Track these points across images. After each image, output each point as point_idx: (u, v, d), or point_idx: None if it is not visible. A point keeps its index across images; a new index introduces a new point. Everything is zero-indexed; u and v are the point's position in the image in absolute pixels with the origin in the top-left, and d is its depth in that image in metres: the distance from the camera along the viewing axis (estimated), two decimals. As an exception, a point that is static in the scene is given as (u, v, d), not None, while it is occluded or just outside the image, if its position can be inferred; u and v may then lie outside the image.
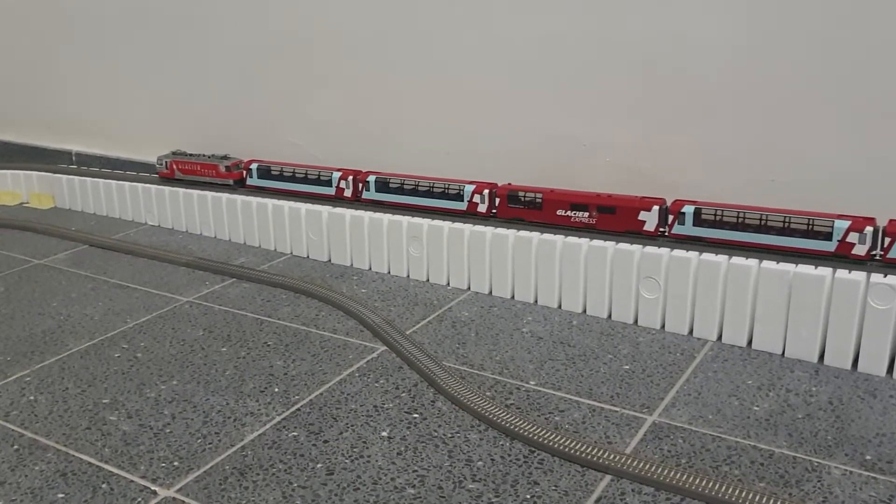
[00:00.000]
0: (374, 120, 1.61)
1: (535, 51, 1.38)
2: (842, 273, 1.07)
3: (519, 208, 1.33)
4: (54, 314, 1.33)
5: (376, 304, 1.33)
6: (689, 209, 1.18)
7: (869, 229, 1.07)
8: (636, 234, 1.24)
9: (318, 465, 0.90)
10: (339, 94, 1.64)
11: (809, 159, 1.20)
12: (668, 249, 1.18)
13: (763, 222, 1.13)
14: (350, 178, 1.52)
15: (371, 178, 1.49)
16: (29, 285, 1.46)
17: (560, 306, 1.29)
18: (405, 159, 1.56)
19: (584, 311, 1.27)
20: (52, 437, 0.98)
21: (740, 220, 1.15)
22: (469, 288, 1.37)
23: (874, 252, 1.09)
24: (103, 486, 0.88)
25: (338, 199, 1.54)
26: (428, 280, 1.42)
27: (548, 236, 1.27)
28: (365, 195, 1.51)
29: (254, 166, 1.66)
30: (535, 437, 0.92)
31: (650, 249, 1.19)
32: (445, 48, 1.48)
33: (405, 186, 1.45)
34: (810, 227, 1.11)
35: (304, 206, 1.54)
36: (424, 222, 1.39)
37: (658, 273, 1.18)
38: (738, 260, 1.13)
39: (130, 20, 1.90)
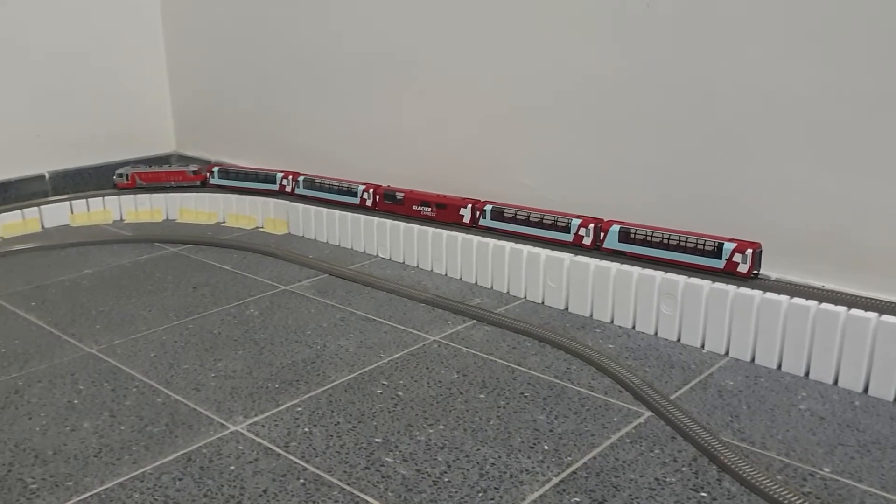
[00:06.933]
0: (611, 161, 1.57)
1: (793, 100, 1.30)
2: None
3: (391, 203, 1.79)
4: (310, 343, 1.38)
5: (628, 362, 1.29)
6: None
7: None
8: (458, 224, 1.67)
9: (611, 539, 0.86)
10: (568, 135, 1.62)
11: None
12: (978, 334, 1.07)
13: None
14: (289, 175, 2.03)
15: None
16: (281, 311, 1.52)
17: (836, 382, 1.19)
18: (643, 204, 1.51)
19: (866, 390, 1.16)
20: (333, 473, 0.99)
21: None
22: (727, 353, 1.30)
23: None
24: (393, 532, 0.88)
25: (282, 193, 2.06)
26: (679, 340, 1.35)
27: (828, 306, 1.18)
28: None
29: (215, 169, 2.15)
30: (851, 537, 0.84)
31: (956, 332, 1.08)
32: (700, 87, 1.43)
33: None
34: None
35: (544, 252, 1.53)
36: (681, 279, 1.34)
37: (965, 359, 1.07)
38: None
39: (365, 65, 1.97)
